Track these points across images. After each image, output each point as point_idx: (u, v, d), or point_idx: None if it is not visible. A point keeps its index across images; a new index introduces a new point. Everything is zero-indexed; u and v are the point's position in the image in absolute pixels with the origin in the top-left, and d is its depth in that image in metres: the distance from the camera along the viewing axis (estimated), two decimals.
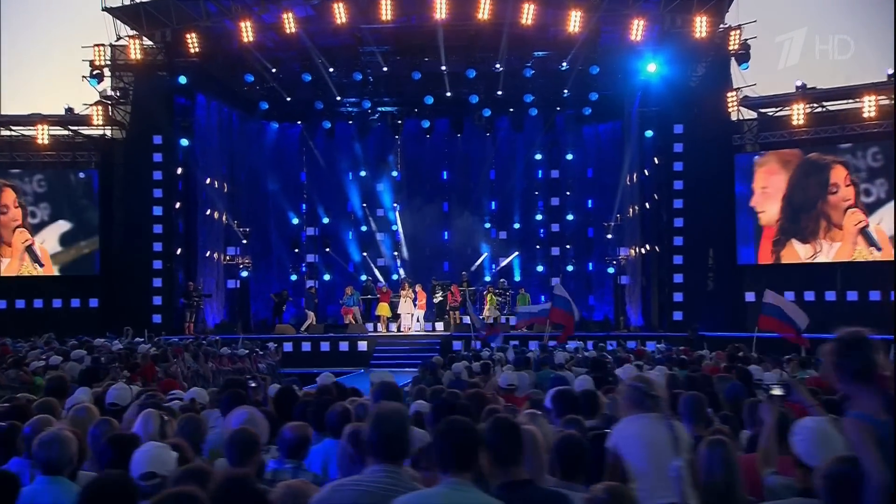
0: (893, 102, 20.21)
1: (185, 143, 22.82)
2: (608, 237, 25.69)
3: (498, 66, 22.79)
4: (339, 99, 24.87)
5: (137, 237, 22.34)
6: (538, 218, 27.88)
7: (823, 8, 30.15)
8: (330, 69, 22.92)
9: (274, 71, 23.07)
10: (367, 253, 27.71)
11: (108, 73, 22.61)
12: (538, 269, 27.59)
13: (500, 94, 24.23)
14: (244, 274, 25.52)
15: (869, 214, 21.11)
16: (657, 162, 23.14)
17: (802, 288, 21.53)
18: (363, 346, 21.92)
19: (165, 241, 22.33)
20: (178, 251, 22.69)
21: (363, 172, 27.74)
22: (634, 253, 24.45)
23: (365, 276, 27.15)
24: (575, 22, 20.79)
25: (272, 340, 20.89)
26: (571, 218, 27.53)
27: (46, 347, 14.09)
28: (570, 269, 27.44)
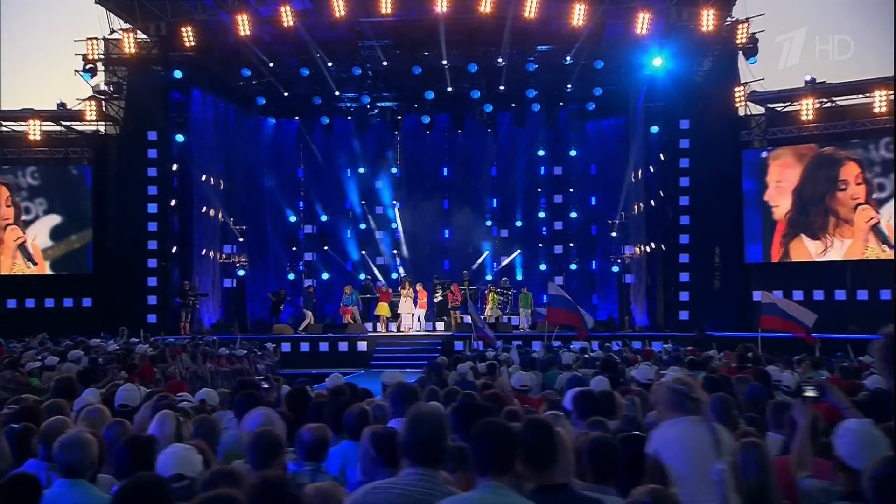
0: (894, 102, 20.01)
1: (180, 138, 22.55)
2: (612, 235, 25.40)
3: (500, 60, 22.46)
4: (337, 94, 24.47)
5: (132, 235, 22.01)
6: (540, 215, 27.44)
7: (823, 8, 30.58)
8: (328, 63, 22.60)
9: (271, 65, 22.77)
10: (365, 251, 27.37)
11: (101, 67, 22.28)
12: (541, 267, 27.14)
13: (502, 88, 23.87)
14: (241, 273, 25.27)
15: (881, 210, 20.76)
16: (663, 158, 22.95)
17: (812, 287, 21.30)
18: (363, 346, 21.69)
19: (160, 239, 22.03)
20: (173, 249, 22.39)
21: (362, 169, 27.33)
22: (639, 251, 24.17)
23: (364, 274, 26.77)
24: (579, 15, 20.49)
25: (270, 341, 20.68)
26: (575, 215, 27.11)
27: (41, 348, 13.97)
28: (573, 267, 27.05)
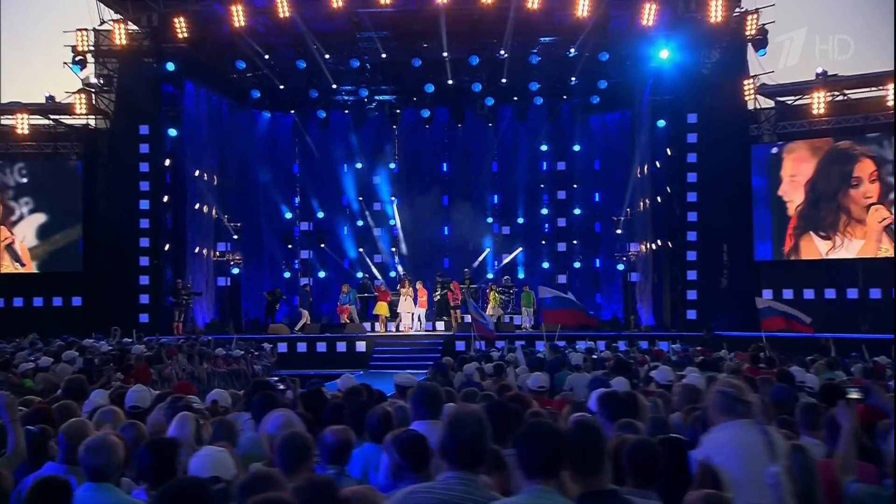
0: (893, 102, 19.74)
1: (172, 133, 22.08)
2: (617, 232, 24.98)
3: (502, 52, 22.10)
4: (334, 87, 24.05)
5: (123, 232, 21.55)
6: (543, 212, 26.91)
7: (823, 8, 30.51)
8: (325, 56, 22.24)
9: (266, 57, 22.38)
10: (363, 249, 26.88)
11: (91, 59, 21.98)
12: (543, 265, 26.62)
13: (503, 82, 23.41)
14: (235, 271, 24.80)
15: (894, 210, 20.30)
16: (670, 153, 22.49)
17: (822, 285, 20.89)
18: (361, 346, 21.28)
19: (153, 236, 21.56)
20: (165, 247, 21.93)
21: (359, 164, 26.81)
22: (645, 249, 23.75)
23: (361, 273, 26.24)
24: (583, 6, 20.16)
25: (266, 341, 20.31)
26: (578, 212, 26.56)
27: (32, 349, 13.76)
28: (576, 265, 26.53)
